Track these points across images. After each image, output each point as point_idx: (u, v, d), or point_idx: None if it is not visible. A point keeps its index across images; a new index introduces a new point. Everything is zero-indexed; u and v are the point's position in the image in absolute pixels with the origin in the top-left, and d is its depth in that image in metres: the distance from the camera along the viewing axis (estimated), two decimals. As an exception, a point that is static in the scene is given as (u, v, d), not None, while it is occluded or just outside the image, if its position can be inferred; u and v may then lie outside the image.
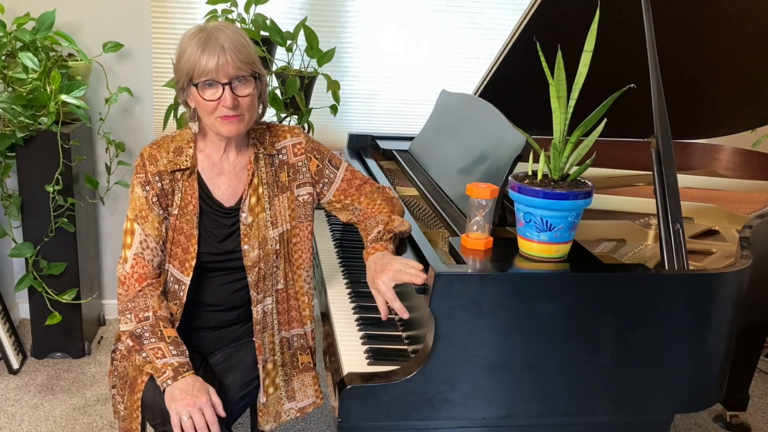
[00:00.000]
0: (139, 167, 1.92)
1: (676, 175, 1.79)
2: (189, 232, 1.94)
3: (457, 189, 2.15)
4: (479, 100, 2.40)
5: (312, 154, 2.03)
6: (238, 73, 1.82)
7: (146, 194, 1.91)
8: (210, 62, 1.79)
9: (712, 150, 3.12)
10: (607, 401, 1.69)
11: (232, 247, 1.98)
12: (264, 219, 1.97)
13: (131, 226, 1.92)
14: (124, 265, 1.92)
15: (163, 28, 3.42)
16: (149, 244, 1.92)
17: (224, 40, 1.81)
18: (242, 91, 1.84)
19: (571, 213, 1.64)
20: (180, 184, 1.94)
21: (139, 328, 1.87)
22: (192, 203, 1.94)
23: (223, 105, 1.82)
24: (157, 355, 1.85)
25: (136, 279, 1.91)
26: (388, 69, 3.71)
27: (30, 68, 2.84)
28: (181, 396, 1.80)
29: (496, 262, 1.69)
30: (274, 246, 1.98)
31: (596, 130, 1.64)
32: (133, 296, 1.90)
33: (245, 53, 1.83)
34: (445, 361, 1.60)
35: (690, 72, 2.63)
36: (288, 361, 2.06)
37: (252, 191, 1.96)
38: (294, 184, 2.02)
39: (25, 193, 3.06)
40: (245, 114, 1.87)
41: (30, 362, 3.29)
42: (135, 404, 1.91)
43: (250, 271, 1.97)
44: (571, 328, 1.63)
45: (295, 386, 2.06)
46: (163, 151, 1.93)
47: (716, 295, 1.70)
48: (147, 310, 1.89)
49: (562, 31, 1.99)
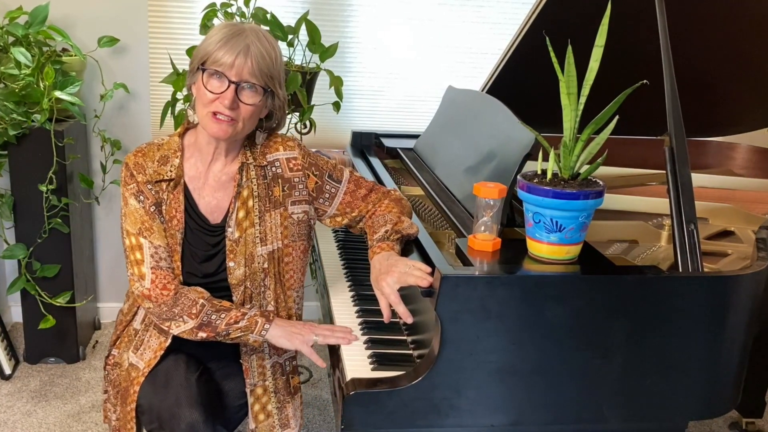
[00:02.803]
0: (127, 178, 1.89)
1: (690, 174, 1.79)
2: (173, 248, 1.91)
3: (464, 188, 2.16)
4: (487, 97, 2.40)
5: (310, 171, 1.98)
6: (251, 80, 1.80)
7: (143, 204, 1.88)
8: (228, 56, 1.78)
9: (728, 148, 3.12)
10: (618, 408, 1.70)
11: (212, 270, 1.94)
12: (252, 234, 1.93)
13: (136, 241, 1.87)
14: (141, 282, 1.87)
15: (160, 23, 3.43)
16: (161, 254, 1.88)
17: (252, 43, 1.80)
18: (247, 98, 1.82)
19: (582, 213, 1.64)
20: (165, 195, 1.89)
21: (203, 317, 1.85)
22: (177, 217, 1.90)
23: (221, 101, 1.79)
24: (236, 319, 1.85)
25: (162, 288, 1.87)
26: (393, 64, 3.72)
27: (23, 64, 2.85)
28: (298, 328, 1.87)
29: (505, 264, 1.70)
30: (262, 264, 1.94)
31: (608, 127, 1.65)
32: (172, 303, 1.86)
33: (267, 65, 1.82)
34: (452, 367, 1.60)
35: (705, 67, 2.63)
36: (282, 387, 2.03)
37: (240, 204, 1.92)
38: (288, 200, 1.97)
39: (18, 193, 3.06)
40: (239, 122, 1.83)
41: (23, 367, 3.30)
42: (128, 415, 1.91)
43: (236, 289, 1.94)
44: (582, 333, 1.63)
45: (289, 413, 2.03)
46: (148, 160, 1.90)
47: (732, 299, 1.70)
48: (195, 303, 1.86)
49: (573, 26, 1.99)
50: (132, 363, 1.97)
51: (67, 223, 3.12)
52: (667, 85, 1.82)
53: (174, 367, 1.91)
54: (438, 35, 3.68)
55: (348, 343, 1.83)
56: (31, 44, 2.95)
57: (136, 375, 1.93)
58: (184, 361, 1.94)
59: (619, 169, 2.81)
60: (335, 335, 1.85)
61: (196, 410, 1.80)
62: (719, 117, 2.91)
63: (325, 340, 1.86)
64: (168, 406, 1.82)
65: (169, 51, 3.27)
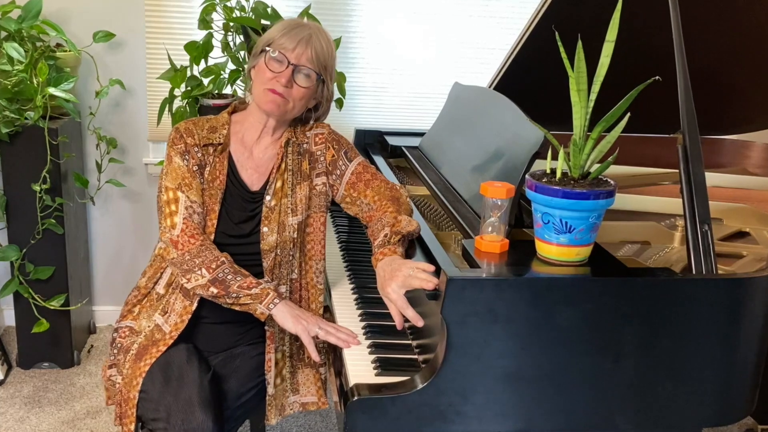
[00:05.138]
0: (176, 139, 2.06)
1: (704, 173, 1.79)
2: (210, 207, 2.06)
3: (470, 188, 2.16)
4: (494, 94, 2.41)
5: (331, 144, 2.17)
6: (309, 65, 2.02)
7: (187, 163, 2.04)
8: (290, 42, 2.01)
9: (743, 146, 3.12)
10: (630, 414, 1.70)
11: (248, 231, 2.09)
12: (285, 205, 2.10)
13: (174, 195, 2.02)
14: (171, 231, 2.00)
15: (157, 17, 3.43)
16: (195, 209, 2.03)
17: (314, 35, 2.04)
18: (302, 81, 2.02)
19: (592, 213, 1.65)
20: (211, 158, 2.07)
21: (219, 274, 1.95)
22: (219, 179, 2.07)
23: (278, 79, 1.99)
24: (249, 285, 1.95)
25: (190, 236, 1.99)
26: (397, 60, 3.72)
27: (15, 59, 2.86)
28: (305, 316, 1.96)
29: (513, 266, 1.70)
30: (292, 234, 2.10)
31: (619, 125, 1.65)
32: (196, 252, 1.97)
33: (324, 56, 2.05)
34: (458, 372, 1.61)
35: (719, 63, 2.63)
36: (295, 353, 2.14)
37: (279, 176, 2.10)
38: (314, 173, 2.16)
39: (10, 193, 3.08)
40: (291, 101, 2.03)
41: (15, 373, 3.31)
42: (139, 371, 1.98)
43: (266, 255, 2.08)
44: (592, 337, 1.64)
45: (299, 379, 2.14)
46: (198, 128, 2.08)
47: (747, 302, 1.70)
48: (217, 259, 1.98)
49: (583, 20, 2.00)
50: (158, 324, 2.08)
51: (61, 223, 3.13)
52: (680, 81, 1.83)
53: (188, 361, 1.99)
54: (444, 30, 3.68)
55: (348, 347, 1.87)
56: (24, 39, 2.97)
57: (161, 337, 2.04)
58: (197, 358, 2.02)
59: (630, 168, 2.82)
60: (338, 335, 1.91)
61: (209, 413, 1.87)
62: (734, 114, 2.91)
63: (326, 336, 1.91)
64: (181, 402, 1.88)
65: (166, 46, 3.29)
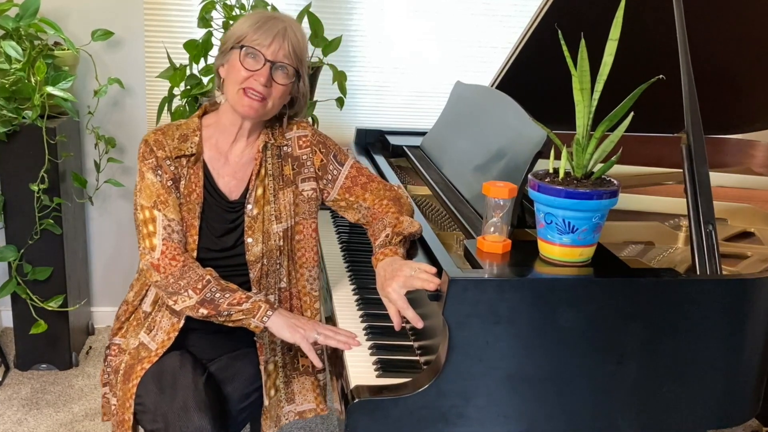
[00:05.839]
0: (146, 153, 1.97)
1: (709, 173, 1.79)
2: (190, 223, 1.99)
3: (472, 188, 2.16)
4: (496, 93, 2.41)
5: (317, 148, 2.10)
6: (286, 60, 1.94)
7: (160, 179, 1.96)
8: (266, 37, 1.92)
9: (747, 146, 3.12)
10: (633, 416, 1.70)
11: (231, 243, 2.03)
12: (268, 212, 2.04)
13: (150, 214, 1.95)
14: (152, 254, 1.94)
15: (156, 15, 3.44)
16: (174, 227, 1.96)
17: (289, 28, 1.95)
18: (280, 78, 1.94)
19: (596, 214, 1.65)
20: (185, 171, 1.99)
21: (207, 293, 1.90)
22: (196, 192, 2.00)
23: (255, 78, 1.91)
24: (239, 301, 1.89)
25: (171, 258, 1.93)
26: (399, 59, 3.72)
27: (13, 58, 2.86)
28: (301, 323, 1.90)
29: (515, 267, 1.71)
30: (278, 242, 2.04)
31: (622, 124, 1.65)
32: (180, 275, 1.92)
33: (300, 49, 1.98)
34: (460, 373, 1.61)
35: (723, 62, 2.63)
36: (288, 363, 2.11)
37: (259, 182, 2.03)
38: (299, 178, 2.08)
39: (8, 193, 3.08)
40: (269, 101, 1.95)
41: (13, 374, 3.31)
42: (129, 392, 1.96)
43: (253, 266, 2.03)
44: (595, 338, 1.64)
45: (294, 388, 2.12)
46: (168, 138, 1.99)
47: (751, 302, 1.70)
48: (202, 278, 1.92)
49: (586, 18, 2.00)
50: (143, 342, 2.04)
51: (59, 223, 3.13)
52: (684, 80, 1.82)
53: (181, 367, 1.96)
54: (445, 28, 3.69)
55: (349, 348, 1.86)
56: (21, 38, 2.97)
57: (147, 355, 2.00)
58: (191, 361, 1.99)
59: (634, 167, 2.82)
60: (337, 338, 1.88)
61: (206, 415, 1.85)
62: (739, 113, 2.91)
63: (326, 341, 1.89)
64: (176, 410, 1.85)
65: (165, 45, 3.29)
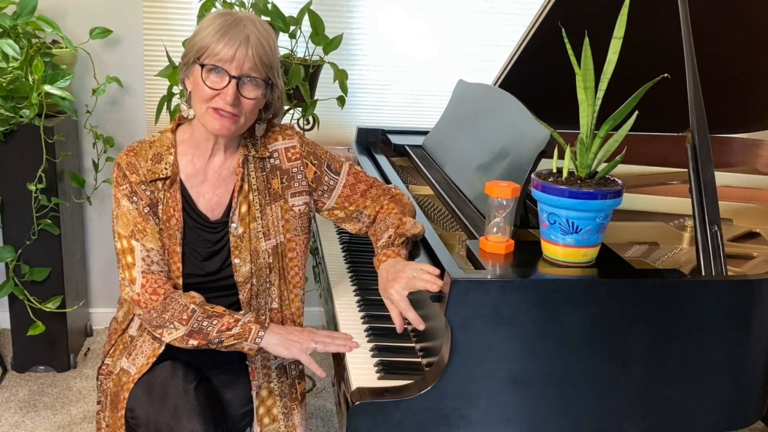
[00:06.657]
0: (119, 179, 1.88)
1: (714, 172, 1.79)
2: (172, 249, 1.91)
3: (475, 188, 2.16)
4: (499, 91, 2.41)
5: (308, 160, 2.00)
6: (252, 73, 1.81)
7: (136, 206, 1.87)
8: (228, 49, 1.77)
9: (753, 145, 3.12)
10: (637, 419, 1.70)
11: (217, 266, 1.95)
12: (255, 229, 1.95)
13: (128, 244, 1.87)
14: (132, 287, 1.87)
15: (155, 13, 3.44)
16: (153, 258, 1.88)
17: (251, 33, 1.79)
18: (249, 92, 1.82)
19: (600, 214, 1.65)
20: (161, 194, 1.90)
21: (194, 324, 1.83)
22: (175, 216, 1.91)
23: (222, 98, 1.79)
24: (228, 326, 1.83)
25: (152, 292, 1.86)
26: (400, 57, 3.72)
27: (10, 56, 2.86)
28: (296, 335, 1.84)
29: (518, 268, 1.70)
30: (267, 259, 1.97)
31: (627, 123, 1.65)
32: (162, 308, 1.85)
33: (267, 55, 1.82)
34: (463, 375, 1.61)
35: (729, 60, 2.63)
36: (287, 392, 2.05)
37: (242, 199, 1.94)
38: (288, 192, 1.99)
39: (5, 192, 3.08)
40: (241, 117, 1.83)
41: (10, 376, 3.31)
42: (119, 422, 1.93)
43: (242, 287, 1.97)
44: (600, 340, 1.64)
45: (296, 421, 2.05)
46: (141, 159, 1.89)
47: (757, 303, 1.70)
48: (186, 308, 1.84)
49: (590, 16, 2.00)
50: (123, 368, 1.98)
51: (57, 224, 3.13)
52: (689, 78, 1.82)
53: (171, 376, 1.91)
54: (448, 26, 3.69)
55: (349, 350, 1.83)
56: (19, 36, 2.97)
57: (127, 380, 1.95)
58: (182, 370, 1.94)
59: (638, 167, 2.82)
60: (335, 342, 1.84)
61: (196, 421, 1.82)
62: (744, 112, 2.91)
63: (325, 348, 1.84)
64: (166, 418, 1.83)
65: (164, 43, 3.29)
